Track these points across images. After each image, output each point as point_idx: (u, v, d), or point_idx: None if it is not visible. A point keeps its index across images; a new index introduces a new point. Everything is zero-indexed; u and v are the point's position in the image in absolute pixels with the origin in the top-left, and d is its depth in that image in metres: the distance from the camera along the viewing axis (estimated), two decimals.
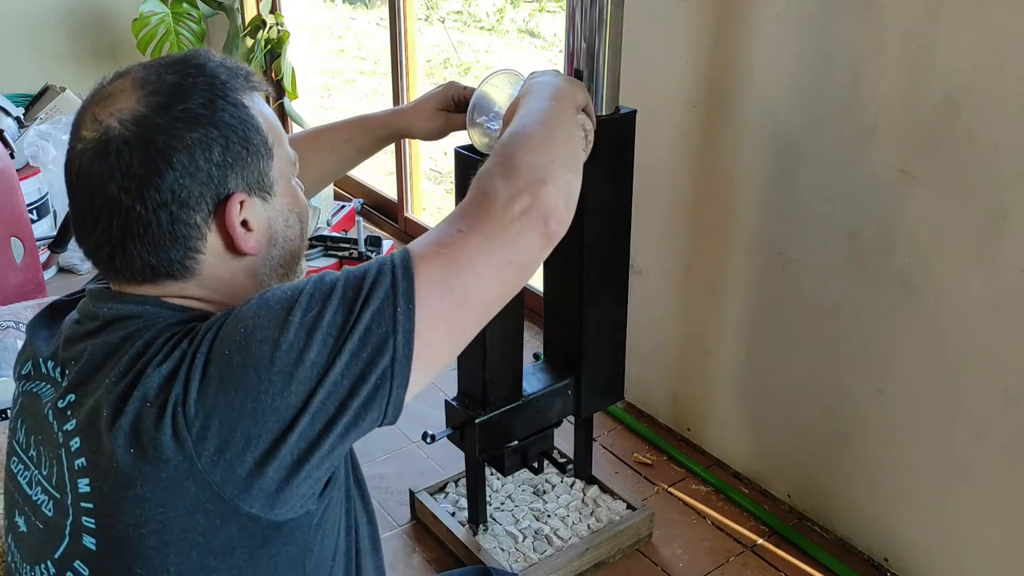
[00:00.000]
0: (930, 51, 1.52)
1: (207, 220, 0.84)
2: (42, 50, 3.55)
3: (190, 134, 0.81)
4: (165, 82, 0.83)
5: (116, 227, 0.81)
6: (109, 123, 0.81)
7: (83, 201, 0.83)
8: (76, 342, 0.86)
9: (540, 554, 1.81)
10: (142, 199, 0.80)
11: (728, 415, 2.10)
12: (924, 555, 1.76)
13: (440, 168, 4.34)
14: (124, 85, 0.84)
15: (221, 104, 0.84)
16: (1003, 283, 1.51)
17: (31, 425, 0.89)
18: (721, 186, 1.94)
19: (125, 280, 0.86)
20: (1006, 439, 1.57)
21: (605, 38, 1.56)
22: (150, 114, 0.81)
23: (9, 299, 2.06)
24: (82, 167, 0.82)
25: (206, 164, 0.82)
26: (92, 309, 0.86)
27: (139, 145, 0.80)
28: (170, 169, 0.80)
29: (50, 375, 0.88)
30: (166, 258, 0.83)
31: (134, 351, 0.80)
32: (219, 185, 0.83)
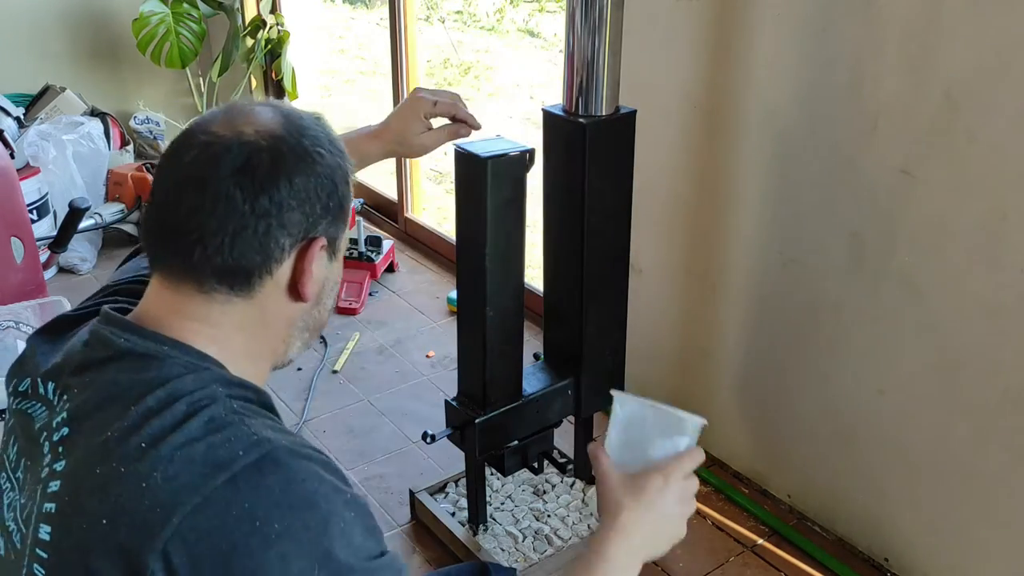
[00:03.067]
0: (930, 51, 1.52)
1: (290, 249, 0.87)
2: (42, 50, 3.55)
3: (315, 168, 0.87)
4: (302, 122, 0.89)
5: (216, 218, 0.83)
6: (244, 130, 0.85)
7: (190, 187, 0.83)
8: (82, 369, 0.85)
9: (540, 554, 1.81)
10: (254, 201, 0.83)
11: (728, 415, 2.10)
12: (924, 555, 1.76)
13: (440, 168, 4.34)
14: (261, 109, 0.89)
15: (340, 165, 0.90)
16: (1003, 283, 1.51)
17: (23, 445, 0.88)
18: (721, 186, 1.94)
19: (181, 277, 0.85)
20: (1006, 439, 1.57)
21: (605, 38, 1.56)
22: (286, 136, 0.86)
23: (9, 299, 2.06)
24: (203, 156, 0.84)
25: (315, 200, 0.87)
26: (106, 336, 0.85)
27: (270, 155, 0.84)
28: (289, 187, 0.84)
29: (47, 396, 0.87)
30: (244, 264, 0.85)
31: (143, 409, 0.80)
32: (313, 223, 0.87)
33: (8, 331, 1.90)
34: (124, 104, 3.73)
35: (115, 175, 3.21)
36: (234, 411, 0.81)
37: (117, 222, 3.15)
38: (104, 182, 3.23)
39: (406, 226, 3.28)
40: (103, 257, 3.18)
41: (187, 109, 3.85)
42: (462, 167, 1.59)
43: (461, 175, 1.60)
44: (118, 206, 3.16)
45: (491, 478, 1.99)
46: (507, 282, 1.63)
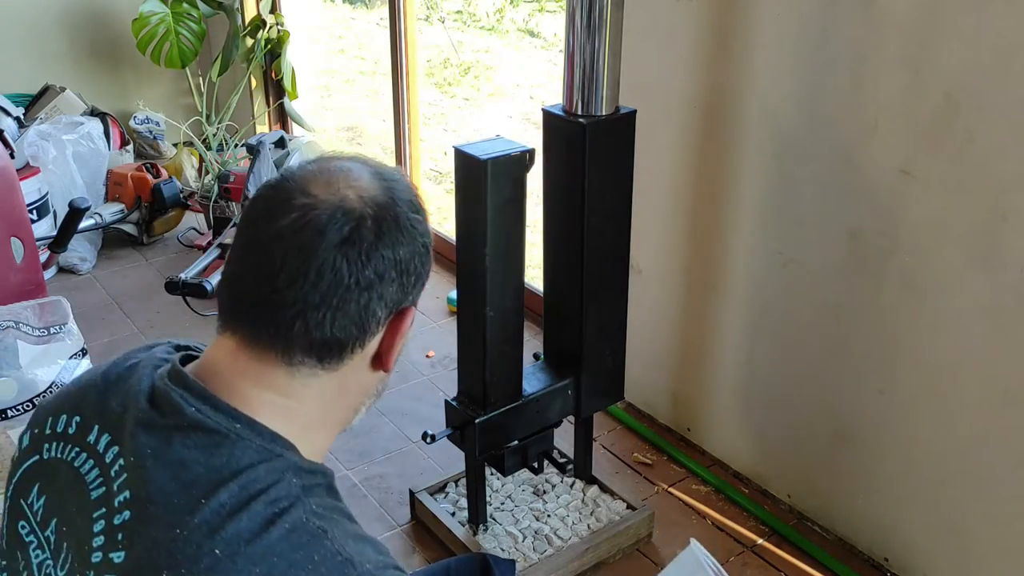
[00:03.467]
0: (930, 51, 1.52)
1: (384, 320, 0.84)
2: (42, 50, 3.55)
3: (414, 236, 0.84)
4: (394, 184, 0.86)
5: (320, 290, 0.79)
6: (347, 194, 0.81)
7: (290, 256, 0.78)
8: (143, 430, 0.79)
9: (540, 554, 1.81)
10: (359, 274, 0.80)
11: (728, 415, 2.10)
12: (924, 555, 1.76)
13: (440, 168, 4.34)
14: (359, 168, 0.85)
15: (428, 230, 0.88)
16: (1003, 283, 1.51)
17: (54, 502, 0.81)
18: (721, 186, 1.94)
19: (267, 347, 0.80)
20: (1006, 439, 1.57)
21: (605, 38, 1.56)
22: (388, 203, 0.83)
23: (9, 299, 2.06)
24: (304, 222, 0.79)
25: (412, 269, 0.84)
26: (176, 401, 0.80)
27: (376, 225, 0.81)
28: (392, 258, 0.82)
29: (97, 450, 0.80)
30: (340, 338, 0.81)
31: (216, 506, 0.74)
32: (408, 293, 0.85)
33: (8, 331, 1.90)
34: (124, 104, 3.73)
35: (115, 175, 3.21)
36: (315, 515, 0.77)
37: (117, 222, 3.15)
38: (104, 182, 3.23)
39: None
40: (103, 257, 3.18)
41: (187, 109, 3.85)
42: (462, 167, 1.59)
43: (461, 175, 1.60)
44: (118, 206, 3.16)
45: (491, 478, 1.99)
46: (507, 282, 1.63)
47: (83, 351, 1.97)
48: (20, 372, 1.86)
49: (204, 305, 2.77)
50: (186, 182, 3.52)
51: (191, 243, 3.28)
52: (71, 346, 1.95)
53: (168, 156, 3.67)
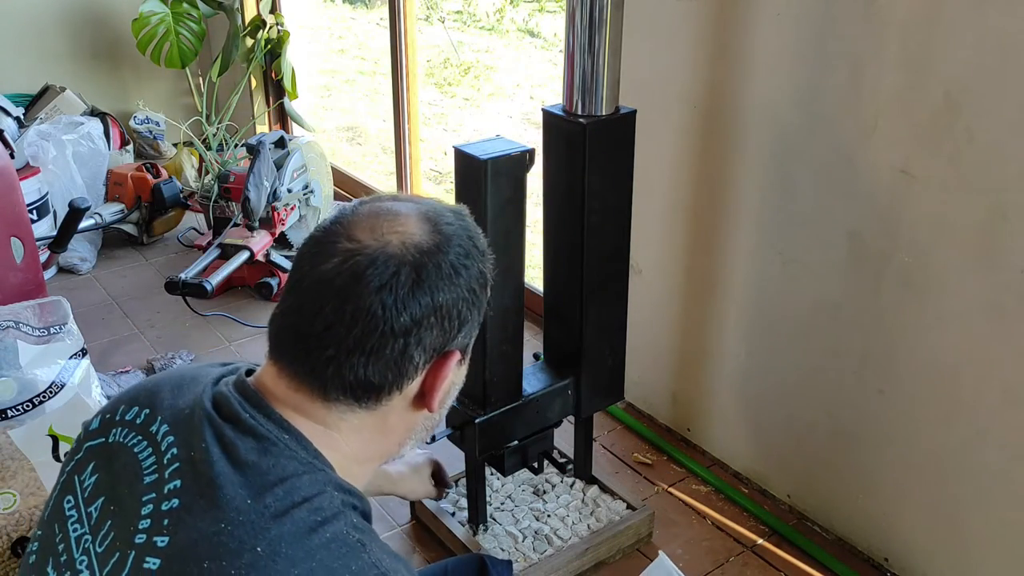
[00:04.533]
0: (930, 51, 1.52)
1: (424, 365, 0.85)
2: (42, 50, 3.55)
3: (458, 282, 0.85)
4: (448, 230, 0.86)
5: (355, 335, 0.81)
6: (390, 239, 0.82)
7: (329, 298, 0.81)
8: (204, 429, 0.83)
9: (540, 554, 1.81)
10: (395, 320, 0.81)
11: (728, 415, 2.10)
12: (924, 555, 1.76)
13: (440, 168, 4.34)
14: (408, 211, 0.86)
15: (482, 271, 0.89)
16: (1003, 283, 1.51)
17: (106, 482, 0.85)
18: (721, 186, 1.94)
19: (305, 381, 0.84)
20: (1006, 439, 1.57)
21: (605, 38, 1.56)
22: (433, 250, 0.84)
23: (9, 299, 2.06)
24: (346, 266, 0.81)
25: (455, 315, 0.85)
26: (234, 406, 0.84)
27: (415, 272, 0.82)
28: (431, 305, 0.83)
29: (156, 439, 0.84)
30: (375, 381, 0.83)
31: (261, 507, 0.77)
32: (451, 338, 0.86)
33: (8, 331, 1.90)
34: (124, 104, 3.73)
35: (115, 175, 3.21)
36: (355, 528, 0.79)
37: (117, 222, 3.15)
38: (104, 182, 3.23)
39: None
40: (103, 257, 3.19)
41: (187, 109, 3.85)
42: (462, 167, 1.58)
43: (461, 175, 1.60)
44: (118, 206, 3.16)
45: (491, 478, 1.99)
46: (507, 282, 1.63)
47: (83, 351, 1.97)
48: (20, 372, 1.86)
49: (204, 305, 2.77)
50: (186, 182, 3.52)
51: (191, 243, 3.28)
52: (71, 346, 1.95)
53: (168, 156, 3.67)
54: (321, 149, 3.07)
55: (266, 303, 2.86)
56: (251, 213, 2.68)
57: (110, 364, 2.53)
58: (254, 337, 2.70)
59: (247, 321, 2.77)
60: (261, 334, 2.72)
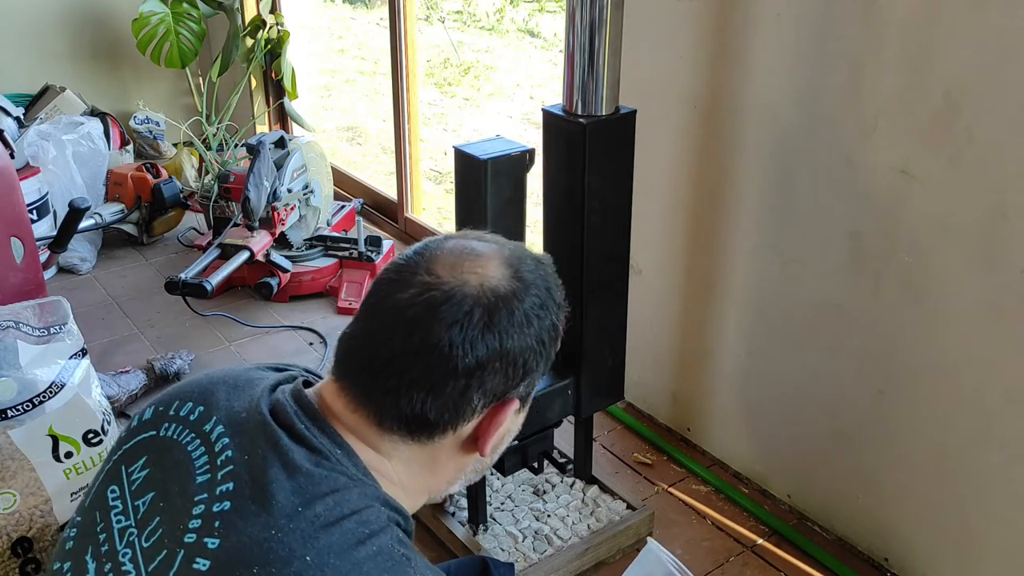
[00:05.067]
0: (930, 51, 1.52)
1: (482, 409, 0.86)
2: (42, 50, 3.55)
3: (529, 332, 0.85)
4: (528, 278, 0.87)
5: (419, 369, 0.82)
6: (468, 279, 0.83)
7: (400, 329, 0.82)
8: (259, 434, 0.83)
9: (540, 554, 1.81)
10: (461, 359, 0.81)
11: (728, 415, 2.10)
12: (924, 555, 1.76)
13: (440, 168, 4.34)
14: (491, 253, 0.87)
15: (555, 324, 0.89)
16: (1003, 283, 1.51)
17: (156, 478, 0.85)
18: (721, 186, 1.94)
19: (363, 404, 0.85)
20: (1007, 439, 1.57)
21: (605, 38, 1.56)
22: (509, 296, 0.84)
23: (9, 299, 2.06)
24: (421, 300, 0.82)
25: (520, 364, 0.85)
26: (290, 415, 0.85)
27: (488, 315, 0.83)
28: (499, 350, 0.83)
29: (210, 439, 0.85)
30: (431, 418, 0.84)
31: (311, 516, 0.78)
32: (511, 387, 0.86)
33: (8, 331, 1.90)
34: (124, 104, 3.73)
35: (115, 175, 3.21)
36: (401, 543, 0.80)
37: (117, 222, 3.15)
38: (104, 182, 3.23)
39: (406, 226, 3.28)
40: (103, 257, 3.19)
41: (187, 109, 3.85)
42: (462, 167, 1.59)
43: (461, 175, 1.60)
44: (118, 206, 3.16)
45: (491, 478, 1.99)
46: None
47: (83, 351, 1.97)
48: (20, 372, 1.85)
49: (204, 305, 2.77)
50: (186, 182, 3.52)
51: (191, 243, 3.28)
52: (71, 346, 1.95)
53: (168, 156, 3.67)
54: (321, 149, 3.07)
55: (266, 303, 2.87)
56: (251, 213, 2.68)
57: (110, 364, 2.53)
58: (254, 337, 2.71)
59: (247, 321, 2.77)
60: (261, 334, 2.72)
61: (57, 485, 1.58)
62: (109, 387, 2.28)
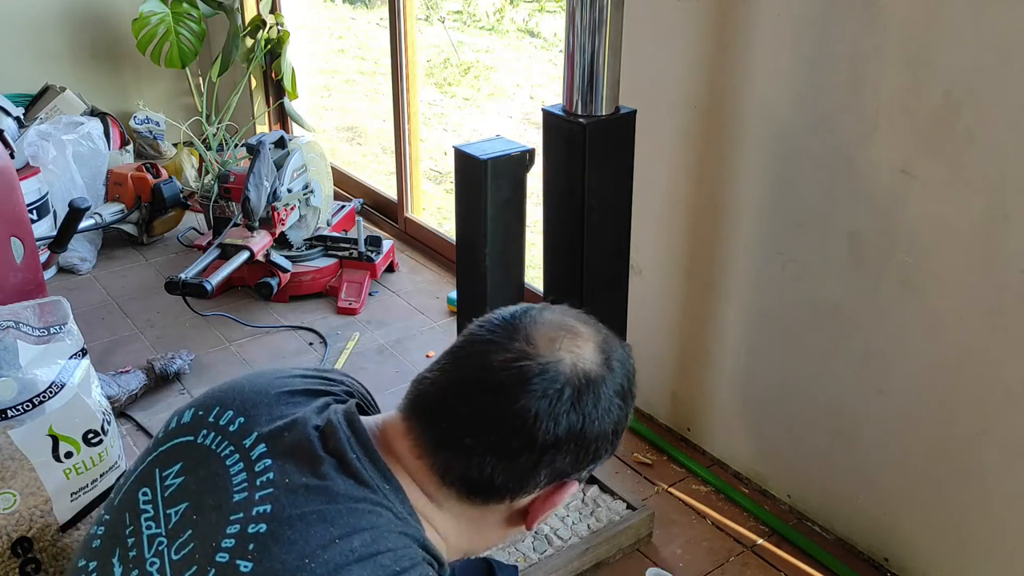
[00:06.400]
0: (930, 51, 1.52)
1: (543, 485, 0.86)
2: (42, 50, 3.55)
3: (608, 419, 0.85)
4: (616, 367, 0.88)
5: (499, 433, 0.81)
6: (564, 358, 0.84)
7: (488, 391, 0.82)
8: (303, 458, 0.82)
9: (540, 554, 1.81)
10: (543, 433, 0.81)
11: (728, 415, 2.10)
12: (924, 555, 1.76)
13: (440, 168, 4.34)
14: (588, 336, 0.88)
15: (627, 416, 0.89)
16: (1003, 283, 1.51)
17: (191, 489, 0.84)
18: (721, 186, 1.94)
19: (434, 459, 0.84)
20: (1006, 439, 1.57)
21: (605, 38, 1.56)
22: (598, 381, 0.85)
23: (9, 299, 2.06)
24: (513, 366, 0.82)
25: (591, 449, 0.85)
26: (342, 442, 0.83)
27: (576, 396, 0.83)
28: (578, 433, 0.83)
29: (250, 456, 0.84)
30: (495, 485, 0.83)
31: (347, 548, 0.77)
32: (577, 469, 0.86)
33: (8, 331, 1.90)
34: (124, 104, 3.73)
35: (115, 175, 3.21)
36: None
37: (117, 222, 3.15)
38: (104, 182, 3.23)
39: (406, 226, 3.28)
40: (103, 257, 3.19)
41: (187, 109, 3.85)
42: (462, 167, 1.59)
43: (461, 175, 1.60)
44: (118, 206, 3.16)
45: None
46: (507, 282, 1.63)
47: (83, 351, 1.97)
48: (20, 372, 1.85)
49: (204, 305, 2.77)
50: (186, 182, 3.52)
51: (191, 243, 3.28)
52: (71, 346, 1.95)
53: (168, 156, 3.67)
54: (321, 149, 3.07)
55: (266, 303, 2.87)
56: (251, 213, 2.68)
57: (110, 364, 2.53)
58: (254, 337, 2.71)
59: (247, 321, 2.77)
60: (261, 334, 2.72)
61: (57, 485, 1.58)
62: (109, 387, 2.28)
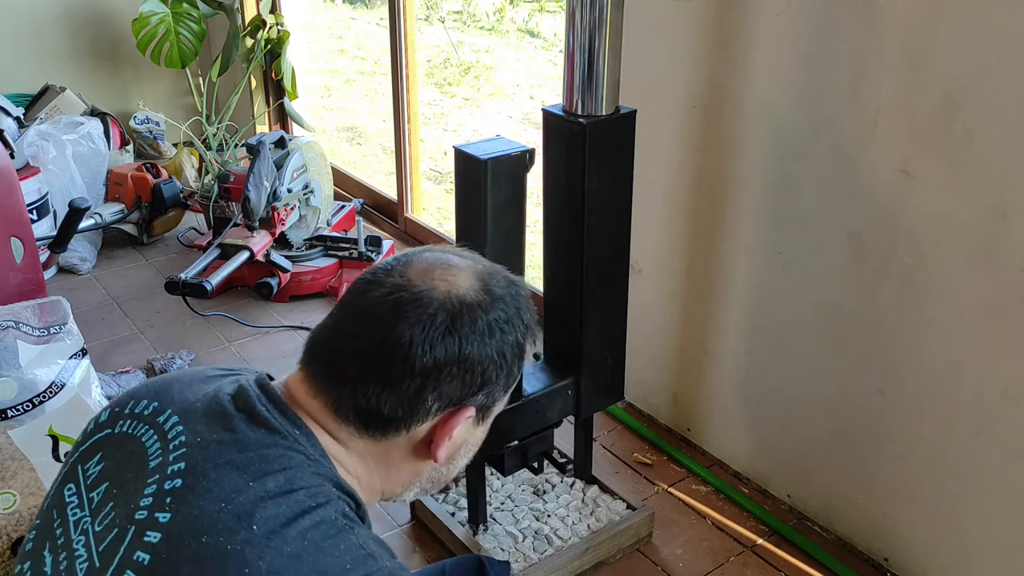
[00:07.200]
0: (930, 51, 1.52)
1: (436, 412, 0.89)
2: (42, 50, 3.55)
3: (490, 343, 0.88)
4: (496, 292, 0.91)
5: (378, 363, 0.85)
6: (438, 285, 0.87)
7: (366, 325, 0.86)
8: (216, 418, 0.87)
9: (540, 554, 1.81)
10: (419, 358, 0.85)
11: (728, 415, 2.10)
12: (924, 555, 1.76)
13: (440, 168, 4.34)
14: (464, 266, 0.91)
15: (519, 342, 0.92)
16: (1003, 283, 1.51)
17: (113, 471, 0.87)
18: (721, 186, 1.94)
19: (323, 392, 0.88)
20: (1006, 439, 1.57)
21: (605, 38, 1.56)
22: (474, 305, 0.88)
23: (9, 299, 2.06)
24: (389, 299, 0.86)
25: (479, 373, 0.88)
26: (252, 399, 0.88)
27: (452, 320, 0.86)
28: (457, 355, 0.86)
29: (163, 428, 0.87)
30: (385, 413, 0.87)
31: (261, 490, 0.80)
32: (469, 394, 0.89)
33: (8, 331, 1.90)
34: (124, 104, 3.73)
35: (115, 175, 3.21)
36: (344, 516, 0.83)
37: (117, 222, 3.15)
38: (104, 182, 3.23)
39: (406, 226, 3.28)
40: (103, 257, 3.19)
41: (187, 109, 3.85)
42: (462, 167, 1.59)
43: (461, 175, 1.60)
44: (118, 206, 3.16)
45: (491, 478, 1.99)
46: None
47: (83, 351, 1.97)
48: (20, 372, 1.86)
49: (204, 305, 2.77)
50: (186, 182, 3.52)
51: (191, 243, 3.28)
52: (71, 346, 1.95)
53: (168, 156, 3.67)
54: (321, 149, 3.07)
55: (266, 303, 2.87)
56: (251, 213, 2.68)
57: (110, 364, 2.53)
58: (254, 337, 2.71)
59: (247, 321, 2.77)
60: (261, 334, 2.72)
61: None
62: (109, 387, 2.28)
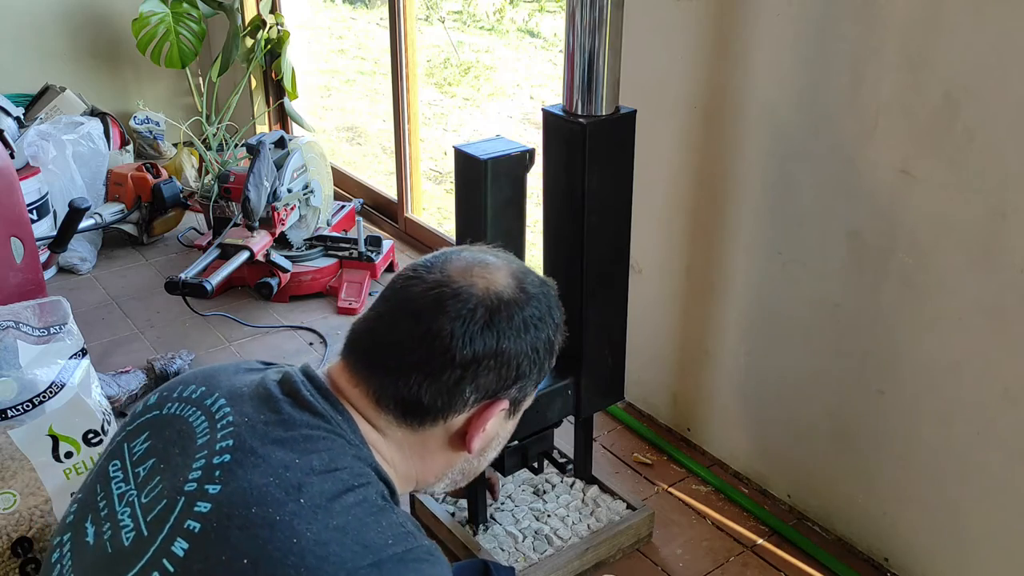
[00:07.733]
0: (930, 51, 1.52)
1: (474, 404, 0.93)
2: (42, 50, 3.55)
3: (525, 338, 0.94)
4: (531, 290, 0.96)
5: (419, 354, 0.90)
6: (477, 282, 0.92)
7: (407, 318, 0.91)
8: (262, 401, 0.91)
9: (540, 554, 1.81)
10: (459, 350, 0.89)
11: (728, 415, 2.10)
12: (924, 555, 1.76)
13: (440, 168, 4.34)
14: (500, 265, 0.96)
15: (551, 338, 0.98)
16: (1003, 283, 1.51)
17: (160, 448, 0.91)
18: (721, 186, 1.94)
19: (364, 381, 0.92)
20: (1006, 439, 1.57)
21: (605, 38, 1.56)
22: (511, 301, 0.93)
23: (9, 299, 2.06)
24: (430, 294, 0.91)
25: (514, 366, 0.93)
26: (297, 385, 0.92)
27: (490, 315, 0.91)
28: (495, 349, 0.91)
29: (211, 410, 0.91)
30: (424, 403, 0.91)
31: (307, 467, 0.84)
32: (504, 387, 0.94)
33: (8, 331, 1.90)
34: (124, 104, 3.73)
35: (115, 175, 3.21)
36: (383, 497, 0.87)
37: (117, 222, 3.15)
38: (104, 182, 3.23)
39: (406, 226, 3.28)
40: (103, 257, 3.19)
41: (187, 109, 3.85)
42: (462, 167, 1.59)
43: (461, 175, 1.60)
44: (118, 206, 3.16)
45: None
46: None
47: (83, 351, 1.97)
48: (20, 372, 1.85)
49: (204, 305, 2.77)
50: (186, 182, 3.52)
51: (191, 243, 3.28)
52: (71, 346, 1.95)
53: (168, 156, 3.67)
54: (321, 149, 3.07)
55: (266, 303, 2.87)
56: (251, 213, 2.68)
57: (110, 364, 2.53)
58: (254, 337, 2.71)
59: (247, 321, 2.77)
60: (261, 334, 2.72)
61: (57, 485, 1.58)
62: (109, 387, 2.28)
